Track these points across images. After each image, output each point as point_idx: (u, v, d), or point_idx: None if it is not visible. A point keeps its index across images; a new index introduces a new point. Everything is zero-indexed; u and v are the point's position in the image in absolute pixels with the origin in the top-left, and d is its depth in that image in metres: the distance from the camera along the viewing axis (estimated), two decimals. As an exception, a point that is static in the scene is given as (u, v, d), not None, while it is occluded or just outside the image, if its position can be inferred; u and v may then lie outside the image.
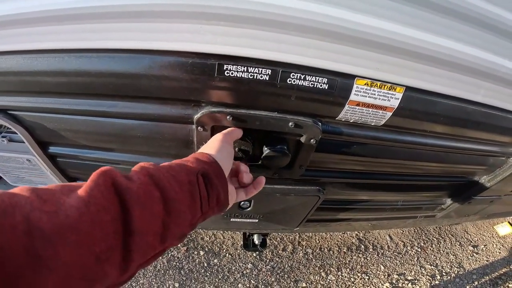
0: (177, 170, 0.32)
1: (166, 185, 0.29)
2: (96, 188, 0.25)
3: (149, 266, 1.38)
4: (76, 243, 0.21)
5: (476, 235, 1.87)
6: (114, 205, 0.24)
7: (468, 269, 1.63)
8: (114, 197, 0.25)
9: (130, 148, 0.54)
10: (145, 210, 0.26)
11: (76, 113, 0.49)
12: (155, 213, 0.27)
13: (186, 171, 0.32)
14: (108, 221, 0.23)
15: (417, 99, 0.47)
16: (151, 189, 0.28)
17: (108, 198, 0.24)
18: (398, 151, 0.59)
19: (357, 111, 0.45)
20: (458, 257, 1.70)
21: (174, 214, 0.29)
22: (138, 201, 0.26)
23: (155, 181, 0.28)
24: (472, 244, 1.80)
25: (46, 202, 0.21)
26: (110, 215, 0.24)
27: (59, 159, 0.62)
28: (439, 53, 0.42)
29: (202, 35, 0.38)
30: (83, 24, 0.39)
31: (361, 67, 0.41)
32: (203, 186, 0.33)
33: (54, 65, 0.43)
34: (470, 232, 1.89)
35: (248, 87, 0.41)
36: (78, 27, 0.40)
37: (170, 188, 0.29)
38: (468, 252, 1.74)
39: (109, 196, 0.25)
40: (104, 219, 0.23)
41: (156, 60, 0.40)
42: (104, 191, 0.25)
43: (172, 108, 0.45)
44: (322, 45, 0.39)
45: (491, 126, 0.59)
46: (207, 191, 0.34)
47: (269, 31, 0.37)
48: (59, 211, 0.21)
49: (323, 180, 0.65)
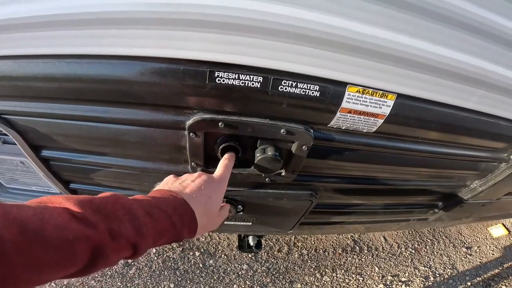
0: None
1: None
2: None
3: (144, 267, 1.38)
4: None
5: (469, 236, 1.89)
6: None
7: (462, 270, 1.64)
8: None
9: (123, 153, 0.54)
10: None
11: (69, 118, 0.49)
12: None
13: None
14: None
15: (409, 106, 0.47)
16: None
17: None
18: (389, 157, 0.60)
19: (349, 118, 0.46)
20: (452, 258, 1.71)
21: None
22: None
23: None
24: (465, 245, 1.82)
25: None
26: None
27: (52, 163, 0.62)
28: (431, 60, 0.42)
29: (193, 42, 0.38)
30: (75, 30, 0.39)
31: (353, 74, 0.41)
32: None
33: (45, 71, 0.42)
34: (464, 233, 1.91)
35: (240, 94, 0.41)
36: (69, 33, 0.39)
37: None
38: (462, 253, 1.76)
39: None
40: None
41: (147, 66, 0.40)
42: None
43: (164, 114, 0.45)
44: (314, 52, 0.39)
45: (482, 133, 0.59)
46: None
47: (261, 38, 0.37)
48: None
49: (316, 184, 0.65)
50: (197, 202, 0.38)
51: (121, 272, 1.35)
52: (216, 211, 0.42)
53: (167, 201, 0.35)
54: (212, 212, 0.41)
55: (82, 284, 1.28)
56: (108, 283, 1.30)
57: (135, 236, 0.29)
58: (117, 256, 0.29)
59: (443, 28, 0.40)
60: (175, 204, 0.36)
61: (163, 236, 0.34)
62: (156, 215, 0.32)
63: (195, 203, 0.38)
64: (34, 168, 0.69)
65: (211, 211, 0.41)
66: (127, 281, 1.32)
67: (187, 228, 0.36)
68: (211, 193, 0.41)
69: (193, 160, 0.51)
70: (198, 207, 0.38)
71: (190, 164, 0.53)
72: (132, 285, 1.31)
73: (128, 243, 0.29)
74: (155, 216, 0.32)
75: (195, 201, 0.38)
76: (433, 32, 0.40)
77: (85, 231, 0.26)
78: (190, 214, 0.37)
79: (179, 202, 0.37)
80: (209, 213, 0.41)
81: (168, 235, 0.34)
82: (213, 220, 0.43)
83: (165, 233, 0.33)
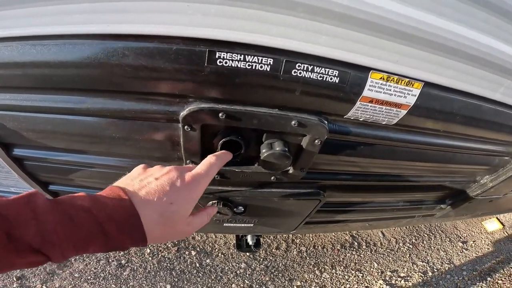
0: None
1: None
2: None
3: (138, 268, 1.32)
4: None
5: (465, 231, 1.91)
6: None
7: (458, 265, 1.65)
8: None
9: (106, 150, 0.47)
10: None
11: (39, 111, 0.41)
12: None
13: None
14: None
15: (434, 96, 0.42)
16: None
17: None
18: (405, 152, 0.55)
19: (369, 108, 0.40)
20: (449, 253, 1.72)
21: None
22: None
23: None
24: (461, 240, 1.83)
25: None
26: None
27: (26, 162, 0.54)
28: (463, 45, 0.37)
29: (189, 16, 0.31)
30: (39, 7, 0.32)
31: (378, 58, 0.35)
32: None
33: (6, 56, 0.35)
34: (460, 228, 1.92)
35: (245, 79, 0.34)
36: (33, 11, 0.32)
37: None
38: (458, 248, 1.77)
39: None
40: None
41: (131, 46, 0.33)
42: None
43: (152, 104, 0.38)
44: (336, 31, 0.32)
45: (503, 126, 0.56)
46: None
47: (272, 11, 0.31)
48: None
49: (324, 182, 0.60)
50: (151, 208, 0.32)
51: (115, 273, 1.29)
52: (181, 220, 0.35)
53: (105, 204, 0.30)
54: (173, 220, 0.34)
55: (75, 286, 1.22)
56: (101, 285, 1.25)
57: (41, 243, 0.27)
58: (21, 261, 0.27)
59: (479, 11, 0.36)
60: (114, 208, 0.31)
61: (91, 243, 0.30)
62: (80, 220, 0.29)
63: (148, 208, 0.32)
64: (8, 168, 0.62)
65: (171, 219, 0.34)
66: (121, 283, 1.27)
67: (129, 238, 0.31)
68: (175, 199, 0.34)
69: (188, 158, 0.44)
70: (152, 214, 0.32)
71: (185, 162, 0.46)
72: (127, 287, 1.26)
73: (30, 249, 0.27)
74: (77, 221, 0.29)
75: (149, 206, 0.32)
76: (468, 15, 0.35)
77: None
78: (133, 222, 0.31)
79: (121, 206, 0.31)
80: (169, 222, 0.34)
81: (99, 243, 0.30)
82: (177, 229, 0.36)
83: (93, 241, 0.30)
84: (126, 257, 1.35)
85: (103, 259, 1.33)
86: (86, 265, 1.30)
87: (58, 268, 1.27)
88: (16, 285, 1.18)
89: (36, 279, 1.22)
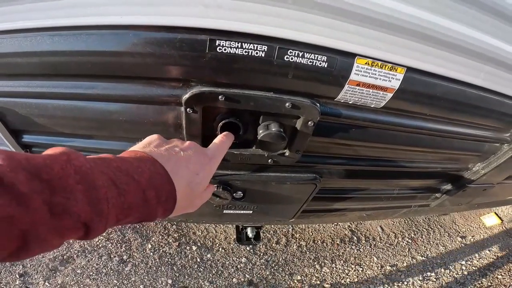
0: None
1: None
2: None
3: (140, 263, 1.34)
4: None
5: (464, 225, 1.92)
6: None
7: (458, 259, 1.67)
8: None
9: (113, 135, 0.50)
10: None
11: (51, 97, 0.45)
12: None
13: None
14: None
15: (418, 80, 0.46)
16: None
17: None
18: (396, 135, 0.58)
19: (357, 91, 0.43)
20: (448, 247, 1.74)
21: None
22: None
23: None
24: (460, 234, 1.85)
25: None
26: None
27: (35, 149, 0.58)
28: (443, 35, 0.41)
29: (193, 8, 0.35)
30: (56, 1, 0.35)
31: (362, 45, 0.39)
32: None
33: (26, 46, 0.38)
34: (458, 223, 1.94)
35: (242, 64, 0.38)
36: (51, 4, 0.36)
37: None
38: (457, 242, 1.78)
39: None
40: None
41: (141, 36, 0.37)
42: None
43: (158, 88, 0.42)
44: (323, 21, 0.36)
45: (487, 111, 0.59)
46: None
47: (267, 4, 0.34)
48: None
49: (320, 167, 0.63)
50: (181, 176, 0.31)
51: (117, 269, 1.31)
52: (200, 191, 0.35)
53: (142, 168, 0.27)
54: (195, 192, 0.34)
55: (77, 283, 1.24)
56: (103, 281, 1.26)
57: (90, 214, 0.22)
58: (59, 239, 0.21)
59: (458, 5, 0.39)
60: (151, 173, 0.28)
61: (130, 214, 0.25)
62: (124, 185, 0.25)
63: (178, 177, 0.30)
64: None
65: (194, 190, 0.33)
66: (123, 278, 1.29)
67: (163, 206, 0.29)
68: (200, 169, 0.34)
69: (190, 139, 0.48)
70: (182, 182, 0.31)
71: (188, 145, 0.49)
72: (128, 282, 1.28)
73: (78, 223, 0.21)
74: (123, 187, 0.24)
75: (179, 175, 0.30)
76: (447, 7, 0.39)
77: (6, 208, 0.18)
78: (170, 190, 0.29)
79: (157, 172, 0.29)
80: (192, 193, 0.33)
81: (137, 213, 0.26)
82: (193, 202, 0.36)
83: (133, 211, 0.26)
84: (127, 252, 1.38)
85: (105, 255, 1.35)
86: (88, 261, 1.31)
87: (60, 265, 1.28)
88: (19, 282, 1.19)
89: (38, 276, 1.22)
